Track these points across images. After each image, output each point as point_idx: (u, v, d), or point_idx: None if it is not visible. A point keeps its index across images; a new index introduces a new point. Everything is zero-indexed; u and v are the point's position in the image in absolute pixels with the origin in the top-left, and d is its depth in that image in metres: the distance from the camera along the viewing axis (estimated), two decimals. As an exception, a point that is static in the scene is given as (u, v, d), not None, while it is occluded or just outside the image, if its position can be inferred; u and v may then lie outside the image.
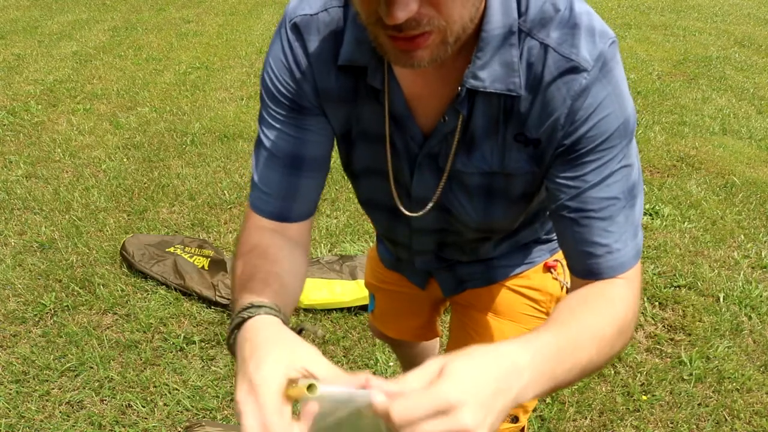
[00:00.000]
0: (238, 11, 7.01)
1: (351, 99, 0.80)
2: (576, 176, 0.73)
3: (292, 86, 0.80)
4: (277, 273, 0.76)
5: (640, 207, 0.77)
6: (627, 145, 0.73)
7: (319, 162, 0.85)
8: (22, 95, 4.34)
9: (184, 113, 4.02)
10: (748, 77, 4.94)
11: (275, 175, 0.83)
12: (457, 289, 1.11)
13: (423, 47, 0.61)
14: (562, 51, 0.69)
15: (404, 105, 0.77)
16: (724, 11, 7.49)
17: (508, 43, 0.70)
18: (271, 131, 0.82)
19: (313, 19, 0.76)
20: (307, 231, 0.89)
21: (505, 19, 0.69)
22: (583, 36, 0.69)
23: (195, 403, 1.85)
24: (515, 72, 0.70)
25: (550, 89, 0.70)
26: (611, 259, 0.74)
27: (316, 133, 0.83)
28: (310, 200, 0.87)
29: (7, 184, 3.11)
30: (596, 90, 0.69)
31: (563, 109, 0.70)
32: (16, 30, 6.11)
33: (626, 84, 0.73)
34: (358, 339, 2.11)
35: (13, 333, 2.13)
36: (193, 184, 3.09)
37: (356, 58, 0.75)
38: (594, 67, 0.68)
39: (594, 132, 0.70)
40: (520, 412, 1.10)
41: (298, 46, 0.78)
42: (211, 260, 2.36)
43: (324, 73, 0.78)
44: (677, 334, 2.16)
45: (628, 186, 0.73)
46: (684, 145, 3.64)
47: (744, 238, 2.72)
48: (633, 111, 0.73)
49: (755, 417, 1.83)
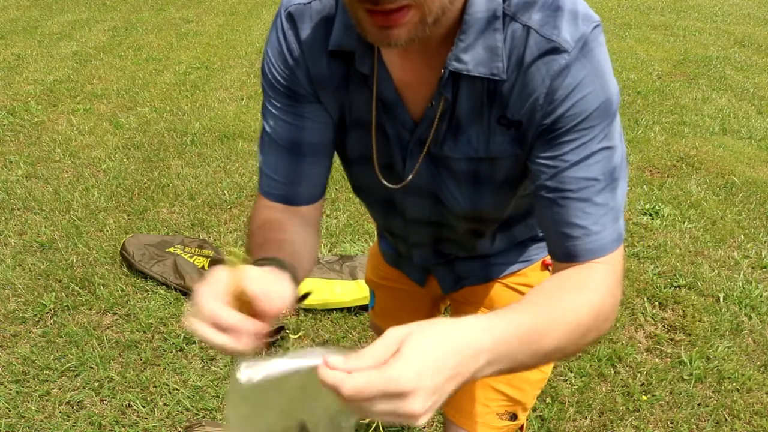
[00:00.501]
0: (238, 11, 7.01)
1: (343, 86, 0.81)
2: (555, 155, 0.73)
3: (287, 73, 0.82)
4: (290, 241, 0.80)
5: (623, 191, 0.76)
6: (608, 125, 0.72)
7: (319, 147, 0.86)
8: (22, 95, 4.34)
9: (184, 113, 4.02)
10: (748, 77, 4.94)
11: (278, 161, 0.86)
12: (455, 287, 1.11)
13: (400, 24, 0.61)
14: (543, 32, 0.69)
15: (394, 91, 0.78)
16: (724, 11, 7.49)
17: (492, 27, 0.70)
18: (272, 119, 0.86)
19: (306, 7, 0.79)
20: (317, 212, 0.91)
21: (489, 3, 0.69)
22: (566, 18, 0.69)
23: (195, 403, 1.85)
24: (499, 56, 0.71)
25: (531, 70, 0.70)
26: (589, 242, 0.73)
27: (314, 120, 0.84)
28: (316, 184, 0.89)
29: (7, 184, 3.11)
30: (576, 69, 0.69)
31: (542, 89, 0.70)
32: (16, 30, 6.11)
33: (610, 66, 0.73)
34: (358, 339, 2.11)
35: (13, 333, 2.13)
36: (193, 184, 3.10)
37: (345, 43, 0.76)
38: (574, 48, 0.69)
39: (573, 111, 0.70)
40: (519, 410, 1.10)
41: (291, 34, 0.80)
42: (211, 260, 2.36)
43: (317, 60, 0.80)
44: (677, 334, 2.16)
45: (609, 168, 0.73)
46: (684, 145, 3.64)
47: (744, 238, 2.72)
48: (616, 92, 0.73)
49: (755, 417, 1.83)
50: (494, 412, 1.07)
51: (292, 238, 0.81)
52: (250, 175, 3.19)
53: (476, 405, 1.07)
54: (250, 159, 3.37)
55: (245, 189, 3.06)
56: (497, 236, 1.01)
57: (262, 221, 0.85)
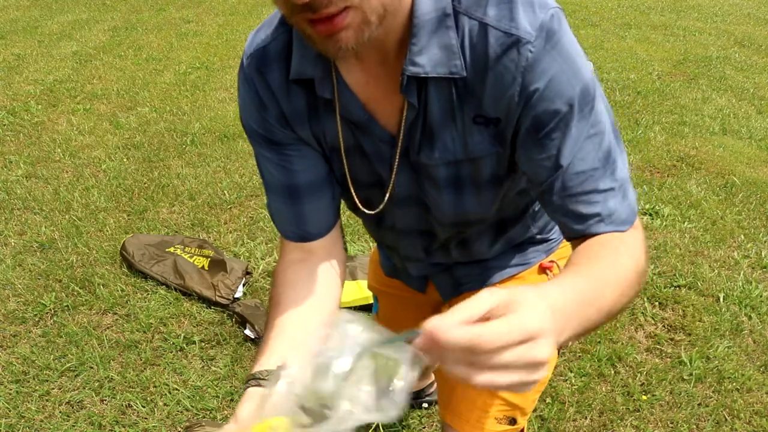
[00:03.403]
0: (238, 11, 7.01)
1: (313, 116, 0.81)
2: (548, 155, 0.73)
3: (260, 123, 0.83)
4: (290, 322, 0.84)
5: (623, 165, 0.76)
6: (590, 112, 0.72)
7: (315, 185, 0.87)
8: (22, 95, 4.34)
9: (184, 113, 4.02)
10: (748, 77, 4.94)
11: (280, 206, 0.89)
12: (454, 293, 1.11)
13: (344, 27, 0.61)
14: (501, 27, 0.68)
15: (362, 110, 0.78)
16: (724, 11, 7.49)
17: (444, 25, 0.69)
18: (263, 167, 0.88)
19: (266, 50, 0.80)
20: (334, 242, 0.92)
21: (436, 2, 0.69)
22: (521, 8, 0.68)
23: (195, 403, 1.85)
24: (455, 54, 0.70)
25: (498, 67, 0.69)
26: (604, 225, 0.74)
27: (301, 161, 0.85)
28: (322, 219, 0.90)
29: (7, 184, 3.11)
30: (546, 63, 0.68)
31: (515, 86, 0.70)
32: (16, 30, 6.11)
33: (578, 48, 0.71)
34: (358, 339, 2.11)
35: (13, 333, 2.13)
36: (193, 184, 3.09)
37: (304, 70, 0.76)
38: (538, 38, 0.67)
39: (552, 106, 0.70)
40: (518, 414, 1.10)
41: (256, 80, 0.81)
42: (211, 260, 2.36)
43: (285, 97, 0.81)
44: (677, 334, 2.16)
45: (603, 153, 0.73)
46: (684, 145, 3.64)
47: (744, 238, 2.72)
48: (590, 76, 0.72)
49: (755, 417, 1.83)
50: (493, 416, 1.07)
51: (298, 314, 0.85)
52: (250, 175, 3.19)
53: (474, 409, 1.06)
54: (250, 159, 3.37)
55: (245, 189, 3.06)
56: (494, 239, 1.01)
57: (279, 279, 0.89)
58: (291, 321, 0.84)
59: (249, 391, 0.75)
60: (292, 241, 0.91)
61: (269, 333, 0.84)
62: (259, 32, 0.82)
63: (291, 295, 0.87)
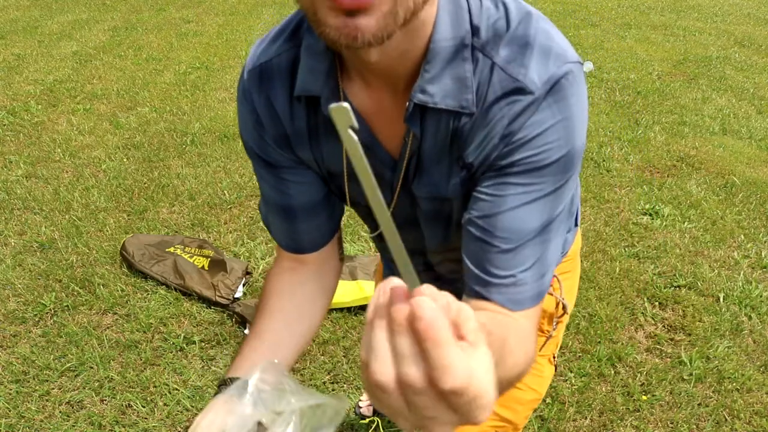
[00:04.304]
0: (238, 11, 7.00)
1: (313, 136, 0.78)
2: (495, 194, 0.68)
3: (257, 141, 0.81)
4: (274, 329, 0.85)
5: (555, 248, 0.72)
6: (563, 180, 0.67)
7: (309, 206, 0.86)
8: (22, 95, 4.34)
9: (184, 113, 4.02)
10: (748, 77, 4.94)
11: (275, 219, 0.88)
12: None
13: (369, 7, 0.53)
14: (509, 70, 0.64)
15: (367, 131, 0.75)
16: (724, 11, 7.49)
17: (461, 56, 0.64)
18: (260, 183, 0.87)
19: (269, 66, 0.75)
20: (328, 254, 0.92)
21: (456, 31, 0.64)
22: (535, 56, 0.63)
23: (195, 403, 1.85)
24: (468, 88, 0.65)
25: (492, 110, 0.65)
26: (507, 292, 0.69)
27: (298, 183, 0.83)
28: (318, 235, 0.89)
29: (7, 184, 3.11)
30: (542, 116, 0.64)
31: (499, 130, 0.66)
32: (16, 30, 6.11)
33: (583, 115, 0.67)
34: (358, 339, 2.11)
35: (13, 333, 2.13)
36: (193, 184, 3.09)
37: (310, 87, 0.72)
38: (541, 90, 0.63)
39: (530, 159, 0.65)
40: (510, 429, 1.09)
41: (257, 97, 0.77)
42: (211, 260, 2.36)
43: (287, 116, 0.77)
44: (677, 334, 2.16)
45: (546, 220, 0.68)
46: (684, 145, 3.63)
47: (744, 238, 2.72)
48: (581, 143, 0.67)
49: (755, 417, 1.83)
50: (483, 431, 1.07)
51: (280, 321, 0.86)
52: (250, 175, 3.19)
53: None
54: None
55: (245, 189, 3.06)
56: None
57: (268, 285, 0.89)
58: (270, 330, 0.85)
59: (214, 399, 0.75)
60: (284, 250, 0.91)
61: (249, 339, 0.85)
62: (263, 45, 0.77)
63: (276, 304, 0.87)
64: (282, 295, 0.88)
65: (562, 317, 1.08)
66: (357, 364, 2.02)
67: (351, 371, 1.99)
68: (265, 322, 0.86)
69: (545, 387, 1.13)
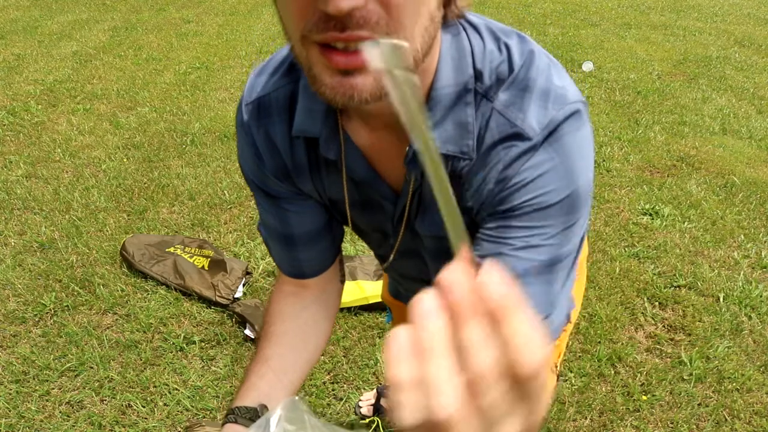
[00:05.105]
0: (238, 11, 7.01)
1: (315, 169, 0.77)
2: (498, 237, 0.66)
3: (256, 173, 0.80)
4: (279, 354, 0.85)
5: (564, 289, 0.69)
6: (570, 222, 0.65)
7: (311, 235, 0.86)
8: (22, 95, 4.34)
9: (184, 113, 4.02)
10: (748, 77, 4.94)
11: (276, 246, 0.89)
12: None
13: (365, 69, 0.51)
14: (507, 115, 0.63)
15: (368, 169, 0.74)
16: (724, 11, 7.49)
17: (463, 101, 0.64)
18: (260, 211, 0.87)
19: (268, 100, 0.75)
20: (330, 277, 0.93)
21: (458, 77, 0.64)
22: (534, 100, 0.62)
23: (195, 403, 1.85)
24: (470, 133, 0.64)
25: (490, 154, 0.65)
26: None
27: (298, 213, 0.83)
28: (319, 261, 0.90)
29: (7, 184, 3.11)
30: (539, 159, 0.62)
31: (495, 175, 0.65)
32: (16, 30, 6.11)
33: (585, 153, 0.65)
34: (358, 339, 2.11)
35: (13, 333, 2.13)
36: (193, 184, 3.09)
37: (308, 128, 0.71)
38: (539, 136, 0.62)
39: (530, 203, 0.64)
40: None
41: (256, 131, 0.76)
42: (211, 260, 2.36)
43: (287, 150, 0.76)
44: (677, 334, 2.16)
45: (549, 260, 0.66)
46: (684, 145, 3.64)
47: (744, 238, 2.72)
48: (586, 184, 0.65)
49: (755, 417, 1.83)
50: None
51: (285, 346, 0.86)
52: (250, 175, 3.19)
53: None
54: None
55: (245, 189, 3.05)
56: None
57: (271, 309, 0.90)
58: (276, 355, 0.86)
59: (226, 427, 0.76)
60: (285, 275, 0.92)
61: (254, 365, 0.85)
62: (261, 77, 0.76)
63: (280, 329, 0.88)
64: (286, 320, 0.89)
65: (566, 324, 1.08)
66: (357, 364, 2.02)
67: (351, 371, 1.99)
68: (270, 347, 0.87)
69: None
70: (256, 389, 0.82)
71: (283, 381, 0.84)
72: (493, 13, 6.79)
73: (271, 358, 0.85)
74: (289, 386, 0.84)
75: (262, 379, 0.83)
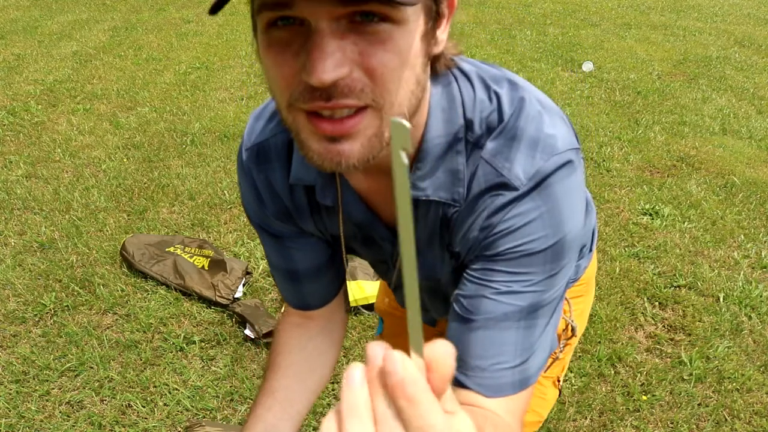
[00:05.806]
0: (238, 11, 7.00)
1: (315, 211, 0.78)
2: (481, 279, 0.67)
3: (258, 215, 0.82)
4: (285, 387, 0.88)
5: (545, 334, 0.69)
6: (554, 270, 0.65)
7: (315, 270, 0.87)
8: (22, 95, 4.34)
9: (184, 113, 4.02)
10: (748, 77, 4.94)
11: (280, 280, 0.90)
12: None
13: (353, 134, 0.52)
14: (494, 164, 0.63)
15: (365, 212, 0.74)
16: (724, 11, 7.49)
17: (454, 150, 0.64)
18: (264, 247, 0.88)
19: (266, 146, 0.75)
20: (335, 308, 0.94)
21: (449, 127, 0.64)
22: (522, 149, 0.62)
23: (195, 403, 1.85)
24: (461, 180, 0.65)
25: (477, 202, 0.65)
26: (481, 377, 0.66)
27: (300, 250, 0.85)
28: (324, 294, 0.92)
29: (7, 184, 3.11)
30: (524, 208, 0.63)
31: (482, 223, 0.65)
32: (16, 30, 6.11)
33: (573, 202, 0.65)
34: (358, 339, 2.11)
35: (13, 333, 2.13)
36: (193, 184, 3.09)
37: (303, 176, 0.72)
38: (526, 186, 0.62)
39: (515, 250, 0.64)
40: None
41: (256, 176, 0.78)
42: (211, 260, 2.36)
43: (287, 195, 0.77)
44: (677, 334, 2.16)
45: (531, 306, 0.66)
46: (684, 145, 3.64)
47: (744, 238, 2.72)
48: (573, 232, 0.65)
49: (755, 417, 1.83)
50: None
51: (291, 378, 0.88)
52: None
53: None
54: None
55: (245, 189, 3.05)
56: None
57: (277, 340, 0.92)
58: (283, 387, 0.88)
59: None
60: (291, 307, 0.93)
61: (261, 397, 0.87)
62: (260, 122, 0.76)
63: (286, 360, 0.90)
64: (292, 351, 0.91)
65: (571, 339, 1.08)
66: (357, 364, 2.02)
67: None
68: (276, 379, 0.88)
69: (547, 410, 1.12)
70: (263, 421, 0.84)
71: (290, 412, 0.86)
72: (493, 13, 6.78)
73: (277, 390, 0.87)
74: (296, 417, 0.86)
75: (269, 412, 0.85)
